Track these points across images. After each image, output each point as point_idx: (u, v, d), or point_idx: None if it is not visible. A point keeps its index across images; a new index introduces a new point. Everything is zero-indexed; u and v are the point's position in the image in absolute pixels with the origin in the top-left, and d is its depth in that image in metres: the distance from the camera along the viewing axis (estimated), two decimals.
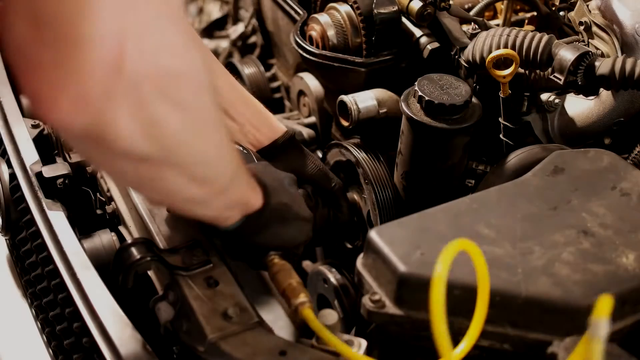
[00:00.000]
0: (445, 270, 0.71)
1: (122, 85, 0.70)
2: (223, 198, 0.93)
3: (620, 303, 0.86)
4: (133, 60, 0.69)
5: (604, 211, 0.95)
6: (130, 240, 1.03)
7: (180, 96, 0.76)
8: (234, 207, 0.97)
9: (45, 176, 1.18)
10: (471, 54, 1.17)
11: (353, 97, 1.28)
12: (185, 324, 0.93)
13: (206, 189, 0.88)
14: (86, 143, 0.77)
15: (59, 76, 0.68)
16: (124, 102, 0.71)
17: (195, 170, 0.84)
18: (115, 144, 0.73)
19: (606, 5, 1.21)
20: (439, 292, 0.70)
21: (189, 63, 0.78)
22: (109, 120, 0.71)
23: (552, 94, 1.18)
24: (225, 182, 0.91)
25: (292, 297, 0.94)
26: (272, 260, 1.02)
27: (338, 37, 1.34)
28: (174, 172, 0.82)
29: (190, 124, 0.79)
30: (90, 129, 0.71)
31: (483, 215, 0.94)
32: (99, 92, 0.69)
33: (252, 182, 0.99)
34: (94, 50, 0.67)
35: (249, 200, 0.99)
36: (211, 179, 0.88)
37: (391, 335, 0.91)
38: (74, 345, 1.04)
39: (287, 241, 1.06)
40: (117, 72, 0.69)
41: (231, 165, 0.91)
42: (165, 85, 0.74)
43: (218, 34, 2.04)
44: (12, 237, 1.24)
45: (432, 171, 1.18)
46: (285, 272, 0.99)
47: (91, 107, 0.70)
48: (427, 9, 1.25)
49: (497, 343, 0.87)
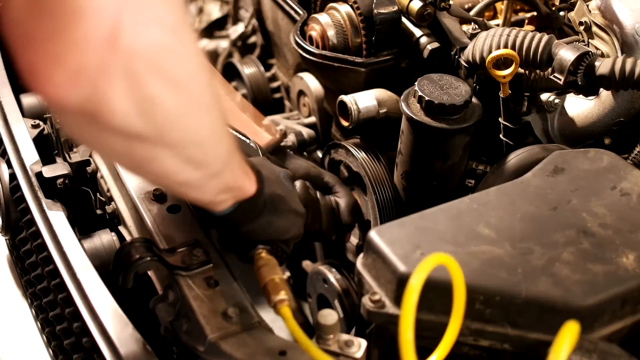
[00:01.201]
0: (420, 282, 0.73)
1: (117, 59, 0.69)
2: (217, 181, 0.92)
3: (620, 303, 0.86)
4: (128, 34, 0.69)
5: (604, 211, 0.95)
6: (130, 240, 1.03)
7: (175, 74, 0.75)
8: (228, 191, 0.96)
9: (45, 176, 1.18)
10: (471, 54, 1.17)
11: (353, 97, 1.28)
12: (185, 324, 0.93)
13: (200, 171, 0.87)
14: (80, 119, 0.75)
15: (55, 49, 0.68)
16: (119, 77, 0.70)
17: (190, 151, 0.83)
18: (109, 120, 0.73)
19: (606, 5, 1.21)
20: (411, 300, 0.72)
21: (185, 41, 0.77)
22: (103, 95, 0.70)
23: (552, 94, 1.18)
24: (219, 165, 0.90)
25: (272, 293, 0.93)
26: (259, 254, 1.01)
27: (338, 37, 1.34)
28: (168, 153, 0.81)
29: (185, 103, 0.78)
30: (84, 104, 0.71)
31: (483, 215, 0.94)
32: (94, 66, 0.69)
33: (247, 168, 0.99)
34: (90, 22, 0.67)
35: (243, 185, 0.98)
36: (205, 161, 0.87)
37: (391, 335, 0.91)
38: (74, 345, 1.04)
39: (279, 233, 1.05)
40: (112, 45, 0.68)
41: (226, 148, 0.90)
42: (161, 61, 0.73)
43: (218, 34, 2.04)
44: (12, 237, 1.24)
45: (432, 171, 1.18)
46: (269, 267, 0.98)
47: (86, 80, 0.69)
48: (427, 9, 1.25)
49: (497, 343, 0.87)
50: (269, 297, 0.93)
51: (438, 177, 1.19)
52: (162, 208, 1.10)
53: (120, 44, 0.68)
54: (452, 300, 0.80)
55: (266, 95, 1.73)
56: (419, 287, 0.73)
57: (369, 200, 1.27)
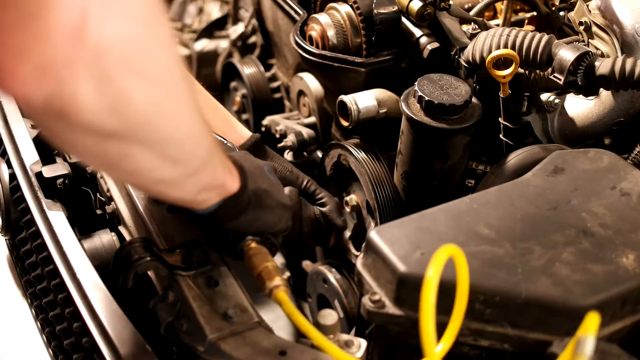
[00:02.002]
0: (437, 274, 0.72)
1: (84, 54, 0.66)
2: (196, 179, 0.89)
3: (620, 303, 0.86)
4: (96, 28, 0.66)
5: (604, 211, 0.95)
6: (130, 240, 1.03)
7: (149, 69, 0.72)
8: (209, 189, 0.94)
9: (45, 176, 1.18)
10: (471, 54, 1.17)
11: (353, 97, 1.28)
12: (185, 324, 0.93)
13: (178, 170, 0.85)
14: (48, 116, 0.72)
15: (17, 42, 0.65)
16: (87, 72, 0.67)
17: (166, 149, 0.80)
18: (78, 117, 0.70)
19: (606, 5, 1.21)
20: (429, 294, 0.72)
21: (159, 35, 0.74)
22: (70, 92, 0.67)
23: (552, 94, 1.18)
24: (198, 162, 0.87)
25: (266, 280, 0.92)
26: (248, 244, 1.00)
27: (338, 37, 1.34)
28: (143, 150, 0.78)
29: (160, 100, 0.75)
30: (50, 101, 0.68)
31: (483, 215, 0.94)
32: (59, 60, 0.66)
33: (229, 164, 0.97)
34: (55, 15, 0.64)
35: (225, 183, 0.95)
36: (183, 159, 0.84)
37: (391, 335, 0.91)
38: (74, 345, 1.04)
39: (266, 227, 1.03)
40: (78, 39, 0.65)
41: (205, 145, 0.87)
42: (132, 56, 0.70)
43: (218, 34, 2.04)
44: (12, 237, 1.24)
45: (432, 171, 1.18)
46: (261, 256, 0.97)
47: (51, 76, 0.66)
48: (427, 9, 1.25)
49: (497, 343, 0.87)
50: (264, 284, 0.92)
51: (438, 177, 1.19)
52: (162, 208, 1.10)
53: (87, 37, 0.65)
54: (451, 300, 0.80)
55: (266, 95, 1.73)
56: (436, 279, 0.72)
57: (369, 200, 1.27)
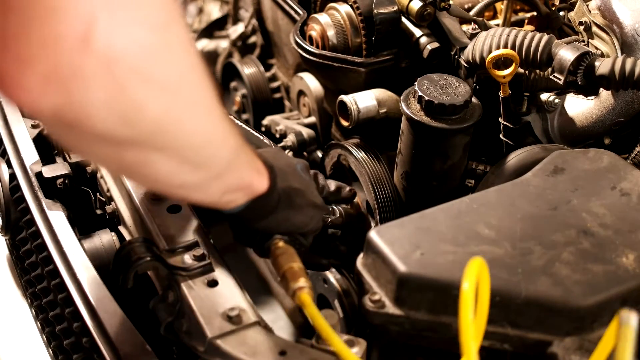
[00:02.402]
0: (473, 286, 0.73)
1: (93, 63, 0.64)
2: (220, 182, 0.88)
3: (620, 303, 0.86)
4: (105, 34, 0.63)
5: (604, 211, 0.95)
6: (130, 240, 1.03)
7: (163, 76, 0.70)
8: (234, 191, 0.92)
9: (45, 176, 1.18)
10: (471, 54, 1.17)
11: (353, 97, 1.28)
12: (185, 324, 0.93)
13: (200, 174, 0.83)
14: (58, 127, 0.70)
15: (23, 50, 0.63)
16: (96, 82, 0.65)
17: (186, 154, 0.78)
18: (89, 127, 0.67)
19: (606, 5, 1.21)
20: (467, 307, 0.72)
21: (174, 41, 0.71)
22: (80, 102, 0.65)
23: (552, 94, 1.18)
24: (221, 165, 0.85)
25: (291, 281, 0.91)
26: (276, 243, 0.99)
27: (338, 37, 1.34)
28: (161, 157, 0.76)
29: (175, 106, 0.73)
30: (60, 111, 0.66)
31: (483, 215, 0.94)
32: (67, 70, 0.64)
33: (257, 164, 0.95)
34: (62, 21, 0.62)
35: (252, 183, 0.93)
36: (205, 163, 0.82)
37: (391, 335, 0.91)
38: (74, 345, 1.04)
39: (296, 227, 1.02)
40: (86, 47, 0.63)
41: (228, 147, 0.85)
42: (144, 64, 0.67)
43: (218, 34, 2.04)
44: (12, 237, 1.24)
45: (432, 171, 1.18)
46: (287, 256, 0.96)
47: (59, 86, 0.64)
48: (427, 9, 1.25)
49: (497, 343, 0.87)
50: (288, 284, 0.91)
51: (438, 177, 1.19)
52: (162, 208, 1.10)
53: (96, 45, 0.63)
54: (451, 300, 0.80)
55: (266, 95, 1.73)
56: (472, 291, 0.73)
57: (369, 200, 1.27)
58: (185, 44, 0.74)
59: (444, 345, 0.89)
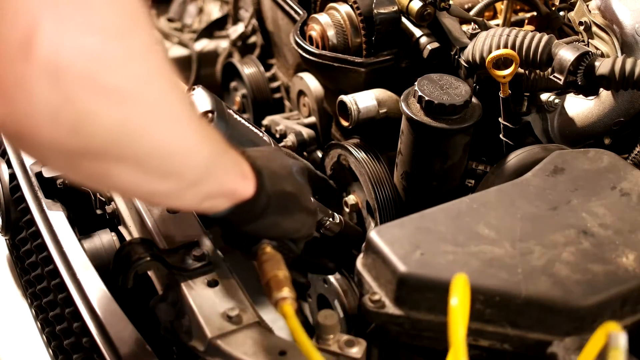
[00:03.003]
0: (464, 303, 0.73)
1: (36, 72, 0.60)
2: (197, 190, 0.83)
3: (620, 303, 0.86)
4: (50, 42, 0.59)
5: (604, 211, 0.96)
6: (130, 240, 1.03)
7: (118, 86, 0.65)
8: (215, 197, 0.88)
9: (45, 176, 1.18)
10: (471, 54, 1.17)
11: (353, 97, 1.28)
12: (185, 324, 0.93)
13: (170, 183, 0.78)
14: (6, 137, 0.67)
15: None
16: (40, 91, 0.60)
17: (151, 164, 0.73)
18: (36, 140, 0.64)
19: (606, 5, 1.21)
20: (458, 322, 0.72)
21: (132, 46, 0.67)
22: (23, 112, 0.61)
23: (552, 94, 1.18)
24: (195, 174, 0.80)
25: (274, 290, 0.88)
26: (263, 248, 0.95)
27: (338, 37, 1.34)
28: (123, 167, 0.71)
29: (134, 116, 0.68)
30: (2, 122, 0.62)
31: (483, 215, 0.94)
32: (7, 79, 0.60)
33: (243, 168, 0.90)
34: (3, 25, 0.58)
35: (236, 189, 0.89)
36: (175, 173, 0.77)
37: (391, 335, 0.91)
38: (74, 345, 1.04)
39: (285, 233, 0.98)
40: (27, 55, 0.59)
41: (202, 155, 0.80)
42: (96, 73, 0.62)
43: (218, 34, 2.04)
44: (12, 237, 1.24)
45: (432, 171, 1.18)
46: (273, 263, 0.93)
47: (1, 95, 0.61)
48: (427, 9, 1.25)
49: (497, 343, 0.87)
50: (271, 293, 0.89)
51: (438, 177, 1.19)
52: (162, 208, 1.10)
53: (39, 52, 0.59)
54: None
55: (266, 95, 1.73)
56: (462, 307, 0.73)
57: (369, 200, 1.27)
58: (149, 51, 0.70)
59: (444, 345, 0.89)
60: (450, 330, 0.73)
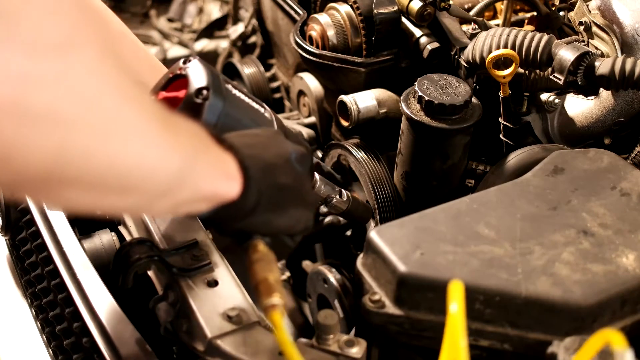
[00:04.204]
0: (462, 310, 0.72)
1: None
2: (168, 199, 0.76)
3: (620, 303, 0.86)
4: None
5: (604, 211, 0.96)
6: (130, 240, 1.03)
7: (49, 108, 0.57)
8: (193, 202, 0.81)
9: None
10: (471, 54, 1.17)
11: (353, 97, 1.28)
12: (185, 324, 0.93)
13: (134, 198, 0.72)
14: None
15: None
16: None
17: (106, 182, 0.66)
18: None
19: (606, 5, 1.21)
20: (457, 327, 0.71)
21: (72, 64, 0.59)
22: None
23: (552, 94, 1.18)
24: (163, 184, 0.73)
25: (264, 295, 0.84)
26: (255, 245, 0.91)
27: (338, 37, 1.34)
28: (74, 190, 0.65)
29: (74, 138, 0.61)
30: None
31: (483, 215, 0.94)
32: None
33: (227, 168, 0.83)
34: None
35: (216, 192, 0.82)
36: (137, 187, 0.70)
37: (391, 335, 0.91)
38: (74, 345, 1.04)
39: (279, 230, 0.93)
40: None
41: (173, 164, 0.73)
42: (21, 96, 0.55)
43: (218, 34, 2.04)
44: (12, 237, 1.24)
45: (432, 171, 1.18)
46: (264, 264, 0.88)
47: None
48: (427, 9, 1.25)
49: (497, 343, 0.87)
50: (260, 298, 0.85)
51: (438, 177, 1.19)
52: None
53: None
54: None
55: (266, 95, 1.73)
56: (461, 314, 0.71)
57: (369, 200, 1.27)
58: (95, 66, 0.62)
59: None
60: (449, 337, 0.72)
